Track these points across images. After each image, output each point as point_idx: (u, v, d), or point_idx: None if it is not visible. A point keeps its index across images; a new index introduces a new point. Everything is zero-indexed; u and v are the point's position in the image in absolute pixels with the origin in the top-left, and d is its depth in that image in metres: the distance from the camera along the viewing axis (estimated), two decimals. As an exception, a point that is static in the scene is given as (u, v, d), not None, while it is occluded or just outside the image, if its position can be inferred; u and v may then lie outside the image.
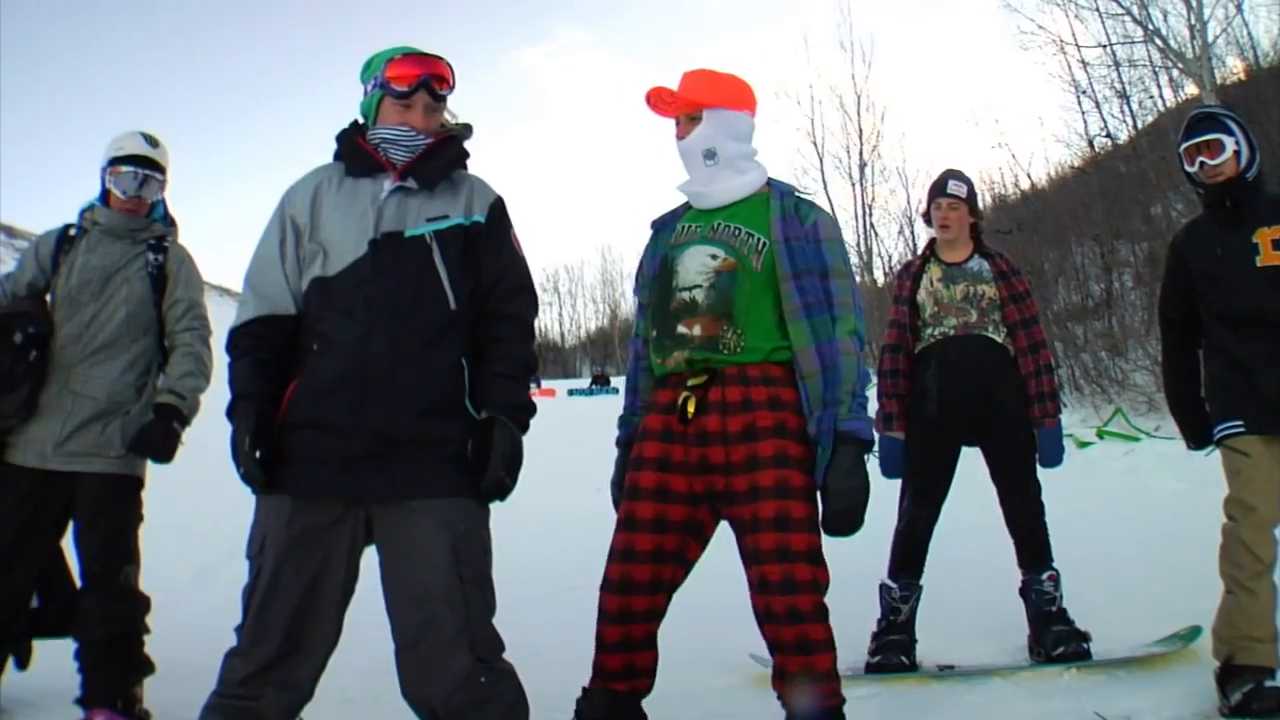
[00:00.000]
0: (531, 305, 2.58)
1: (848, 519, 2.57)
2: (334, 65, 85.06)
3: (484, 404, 2.39)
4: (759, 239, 2.74)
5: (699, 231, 2.82)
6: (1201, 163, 3.31)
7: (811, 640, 2.51)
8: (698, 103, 2.82)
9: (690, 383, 2.70)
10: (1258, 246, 3.20)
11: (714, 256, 2.75)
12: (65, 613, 3.29)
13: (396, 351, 2.34)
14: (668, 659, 2.76)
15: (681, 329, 2.72)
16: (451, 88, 2.57)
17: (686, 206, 2.97)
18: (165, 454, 3.28)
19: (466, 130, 2.61)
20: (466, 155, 2.60)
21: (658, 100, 2.83)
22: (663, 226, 2.99)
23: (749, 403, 2.63)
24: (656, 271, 2.89)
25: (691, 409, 2.67)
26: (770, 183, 2.89)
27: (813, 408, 2.62)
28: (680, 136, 2.87)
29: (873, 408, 3.04)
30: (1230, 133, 3.29)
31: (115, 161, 3.42)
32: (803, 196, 2.87)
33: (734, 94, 2.88)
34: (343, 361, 2.33)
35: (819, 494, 2.60)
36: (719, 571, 2.95)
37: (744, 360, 2.67)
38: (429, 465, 2.32)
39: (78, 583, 3.28)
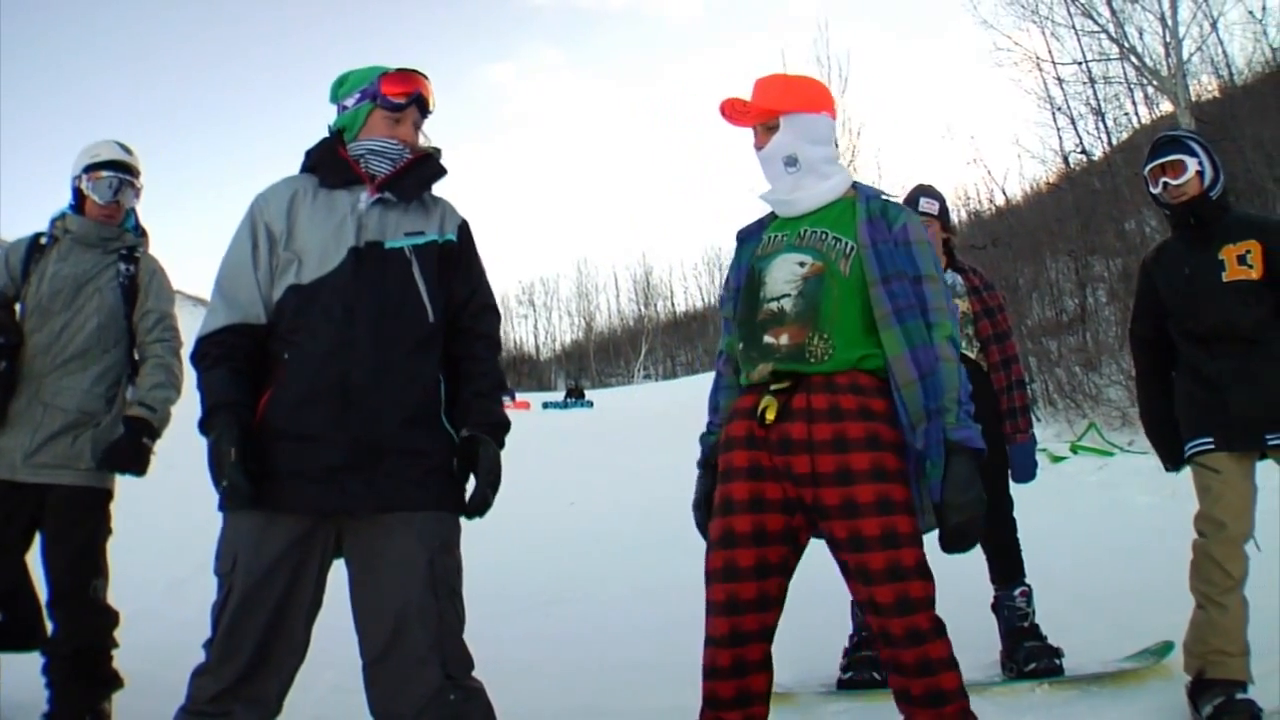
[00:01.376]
0: (498, 322, 2.65)
1: (966, 534, 2.44)
2: (303, 77, 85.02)
3: (466, 423, 2.41)
4: (846, 243, 2.61)
5: (785, 240, 2.70)
6: (1165, 183, 3.37)
7: (934, 660, 2.40)
8: (774, 109, 2.70)
9: (773, 387, 2.56)
10: (1223, 263, 3.25)
11: (801, 264, 2.62)
12: (30, 627, 3.26)
13: (380, 360, 2.33)
14: (647, 676, 2.73)
15: (768, 339, 2.59)
16: (434, 108, 2.63)
17: (772, 216, 2.86)
18: (138, 467, 3.25)
19: (437, 152, 2.64)
20: (443, 172, 2.62)
21: (732, 111, 2.75)
22: (748, 238, 2.88)
23: (837, 411, 2.49)
24: (742, 284, 2.77)
25: (772, 415, 2.54)
26: (856, 186, 2.77)
27: (914, 420, 2.47)
28: (759, 146, 2.75)
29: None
30: (1193, 154, 3.35)
31: (92, 168, 3.41)
32: (890, 199, 2.74)
33: (810, 97, 2.75)
34: (323, 369, 2.32)
35: (935, 511, 2.48)
36: (699, 586, 2.92)
37: (831, 368, 2.53)
38: (410, 477, 2.32)
39: (42, 596, 3.24)
